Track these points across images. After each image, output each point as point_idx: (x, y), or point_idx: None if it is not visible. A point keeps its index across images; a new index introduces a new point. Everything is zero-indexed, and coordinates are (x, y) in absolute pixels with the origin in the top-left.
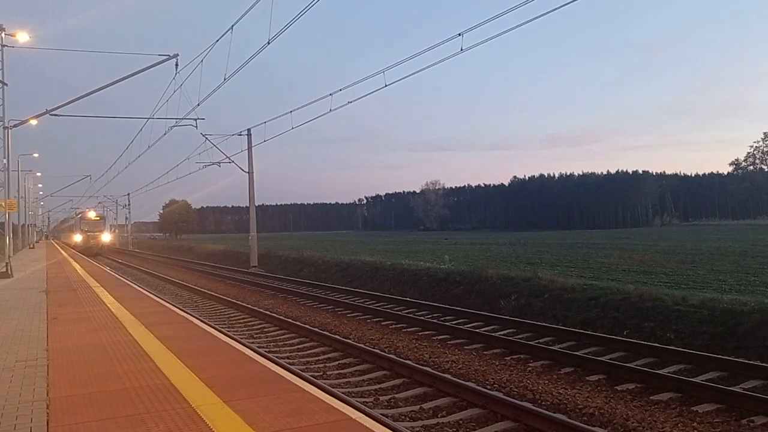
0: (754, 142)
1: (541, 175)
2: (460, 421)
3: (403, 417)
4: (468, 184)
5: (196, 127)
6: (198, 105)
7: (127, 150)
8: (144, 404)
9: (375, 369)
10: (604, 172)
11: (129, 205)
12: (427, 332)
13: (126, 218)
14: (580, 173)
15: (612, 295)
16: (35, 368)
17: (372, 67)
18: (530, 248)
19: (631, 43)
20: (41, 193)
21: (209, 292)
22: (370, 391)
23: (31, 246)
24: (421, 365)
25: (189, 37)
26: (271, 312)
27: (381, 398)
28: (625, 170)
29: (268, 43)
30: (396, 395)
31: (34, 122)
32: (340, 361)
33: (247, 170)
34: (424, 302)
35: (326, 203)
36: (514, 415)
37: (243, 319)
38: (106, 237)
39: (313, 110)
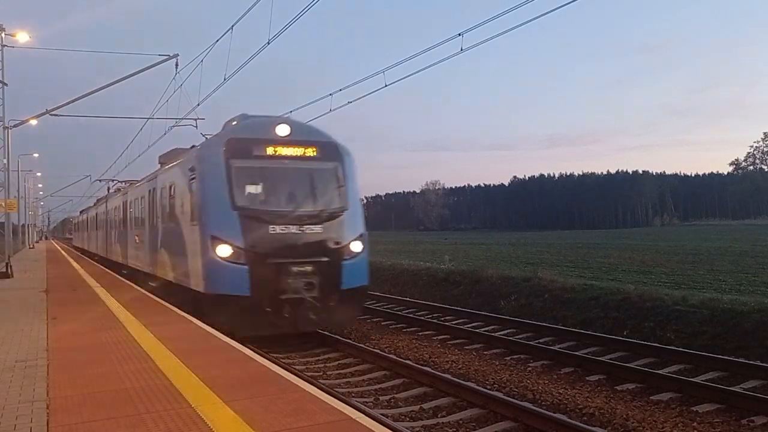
0: (754, 142)
1: (541, 175)
2: (460, 421)
3: (403, 417)
4: (468, 184)
5: (196, 127)
6: (198, 105)
7: (127, 150)
8: (144, 404)
9: (375, 369)
10: (604, 172)
11: None
12: (427, 332)
13: None
14: (580, 173)
15: (612, 295)
16: (35, 368)
17: (372, 67)
18: (530, 248)
19: (631, 44)
20: (41, 193)
21: None
22: (370, 391)
23: (31, 246)
24: (421, 365)
25: (189, 37)
26: None
27: (381, 398)
28: (625, 170)
29: (268, 43)
30: (396, 395)
31: (34, 122)
32: (340, 361)
33: None
34: (424, 302)
35: None
36: (514, 415)
37: None
38: (357, 246)
39: (313, 110)
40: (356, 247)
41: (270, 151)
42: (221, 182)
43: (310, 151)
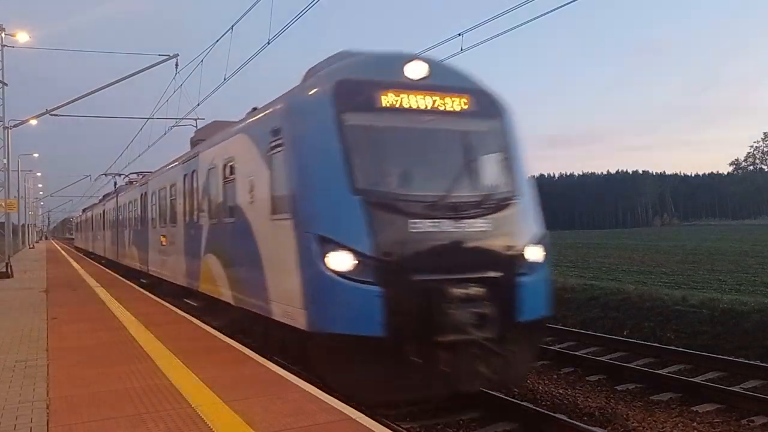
0: (754, 142)
1: (541, 175)
2: (460, 422)
3: (403, 417)
4: None
5: (196, 126)
6: (198, 105)
7: (127, 150)
8: (144, 404)
9: None
10: (604, 172)
11: None
12: None
13: None
14: (580, 173)
15: (612, 295)
16: (35, 368)
17: None
18: None
19: (631, 44)
20: (41, 193)
21: None
22: None
23: (31, 246)
24: None
25: (189, 37)
26: None
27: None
28: (625, 170)
29: (268, 43)
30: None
31: (34, 122)
32: None
33: None
34: None
35: None
36: (514, 415)
37: None
38: (536, 254)
39: None
40: (535, 254)
41: (401, 101)
42: (332, 149)
43: (460, 103)
